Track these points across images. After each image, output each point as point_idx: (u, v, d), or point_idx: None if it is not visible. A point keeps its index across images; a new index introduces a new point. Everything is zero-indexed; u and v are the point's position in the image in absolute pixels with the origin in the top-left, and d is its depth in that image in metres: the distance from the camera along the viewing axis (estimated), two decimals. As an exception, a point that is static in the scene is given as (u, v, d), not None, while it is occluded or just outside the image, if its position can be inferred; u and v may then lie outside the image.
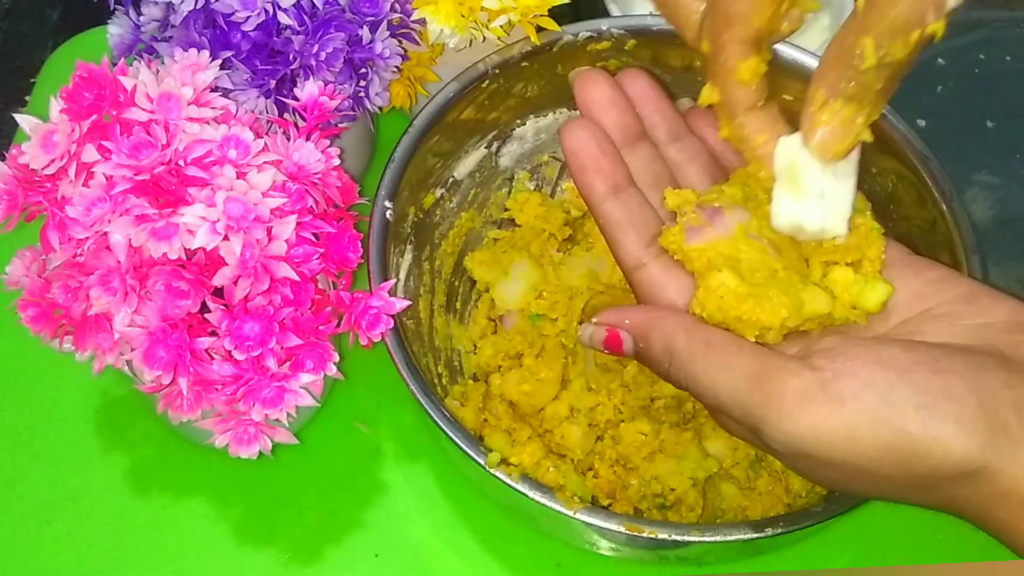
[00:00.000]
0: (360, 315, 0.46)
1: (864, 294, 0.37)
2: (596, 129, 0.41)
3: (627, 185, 0.41)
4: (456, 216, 0.59)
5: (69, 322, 0.43)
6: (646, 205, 0.41)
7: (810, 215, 0.37)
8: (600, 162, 0.41)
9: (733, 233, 0.38)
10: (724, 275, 0.37)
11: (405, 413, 0.57)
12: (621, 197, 0.41)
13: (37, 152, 0.42)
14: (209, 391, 0.44)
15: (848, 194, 0.38)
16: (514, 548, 0.54)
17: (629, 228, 0.40)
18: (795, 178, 0.37)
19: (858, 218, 0.38)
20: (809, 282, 0.38)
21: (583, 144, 0.41)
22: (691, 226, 0.38)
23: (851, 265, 0.38)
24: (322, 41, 0.50)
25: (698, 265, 0.38)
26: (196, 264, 0.43)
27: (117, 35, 0.53)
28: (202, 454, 0.54)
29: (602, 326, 0.40)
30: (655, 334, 0.38)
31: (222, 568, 0.53)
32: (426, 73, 0.58)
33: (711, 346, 0.36)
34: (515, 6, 0.53)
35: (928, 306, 0.37)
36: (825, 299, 0.37)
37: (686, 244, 0.38)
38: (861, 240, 0.38)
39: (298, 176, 0.46)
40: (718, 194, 0.40)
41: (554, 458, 0.51)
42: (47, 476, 0.55)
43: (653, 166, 0.43)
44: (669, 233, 0.39)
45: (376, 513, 0.55)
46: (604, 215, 0.41)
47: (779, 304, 0.36)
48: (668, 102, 0.44)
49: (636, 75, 0.44)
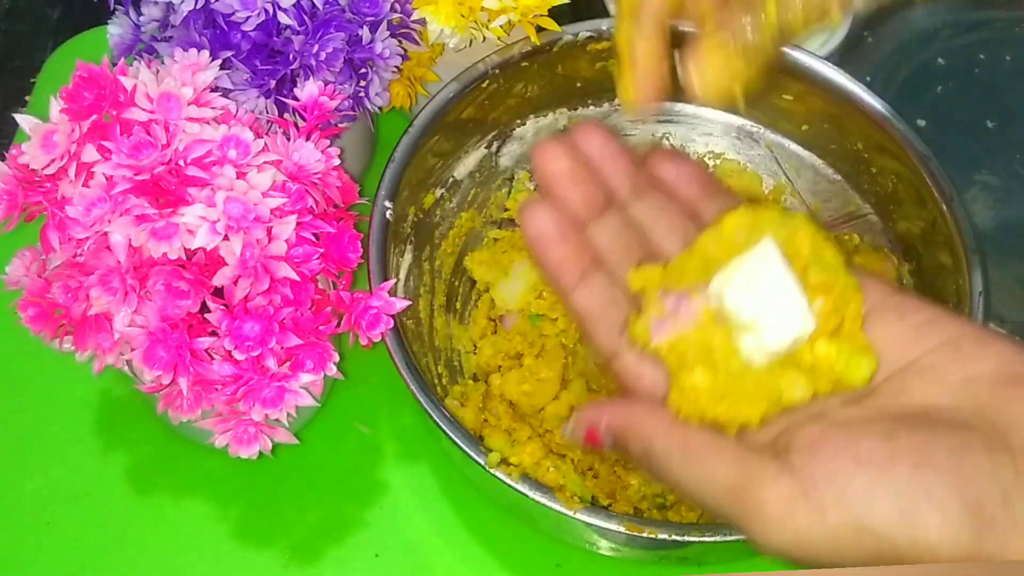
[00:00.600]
0: (360, 315, 0.46)
1: (849, 370, 0.35)
2: (555, 212, 0.39)
3: (594, 269, 0.40)
4: (456, 216, 0.59)
5: (69, 322, 0.43)
6: (616, 288, 0.40)
7: (772, 338, 0.35)
8: (564, 250, 0.39)
9: (701, 321, 0.36)
10: (696, 375, 0.35)
11: (405, 413, 0.57)
12: (590, 284, 0.39)
13: (37, 152, 0.42)
14: (209, 391, 0.44)
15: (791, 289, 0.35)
16: (514, 548, 0.54)
17: (600, 318, 0.39)
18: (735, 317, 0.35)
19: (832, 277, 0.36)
20: (787, 365, 0.36)
21: (543, 231, 0.39)
22: (656, 319, 0.37)
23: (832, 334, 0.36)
24: (322, 41, 0.50)
25: (669, 361, 0.36)
26: (196, 264, 0.43)
27: (117, 35, 0.53)
28: (202, 454, 0.54)
29: (581, 424, 0.39)
30: (631, 435, 0.37)
31: (222, 568, 0.53)
32: (426, 73, 0.58)
33: (688, 451, 0.35)
34: (515, 6, 0.53)
35: (913, 357, 0.35)
36: (804, 386, 0.35)
37: (652, 342, 0.36)
38: (838, 303, 0.36)
39: (298, 176, 0.46)
40: (680, 273, 0.37)
41: (554, 458, 0.51)
42: (47, 476, 0.55)
43: (622, 236, 0.41)
44: (635, 326, 0.37)
45: (376, 513, 0.55)
46: (573, 306, 0.39)
47: (757, 398, 0.35)
48: (626, 155, 0.42)
49: (591, 132, 0.42)
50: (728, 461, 0.34)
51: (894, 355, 0.36)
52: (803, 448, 0.33)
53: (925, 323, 0.36)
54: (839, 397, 0.36)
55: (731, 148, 0.61)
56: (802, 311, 0.35)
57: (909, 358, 0.35)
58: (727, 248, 0.37)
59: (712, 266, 0.37)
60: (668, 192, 0.42)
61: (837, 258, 0.37)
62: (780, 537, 0.32)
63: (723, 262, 0.37)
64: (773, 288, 0.35)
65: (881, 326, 0.36)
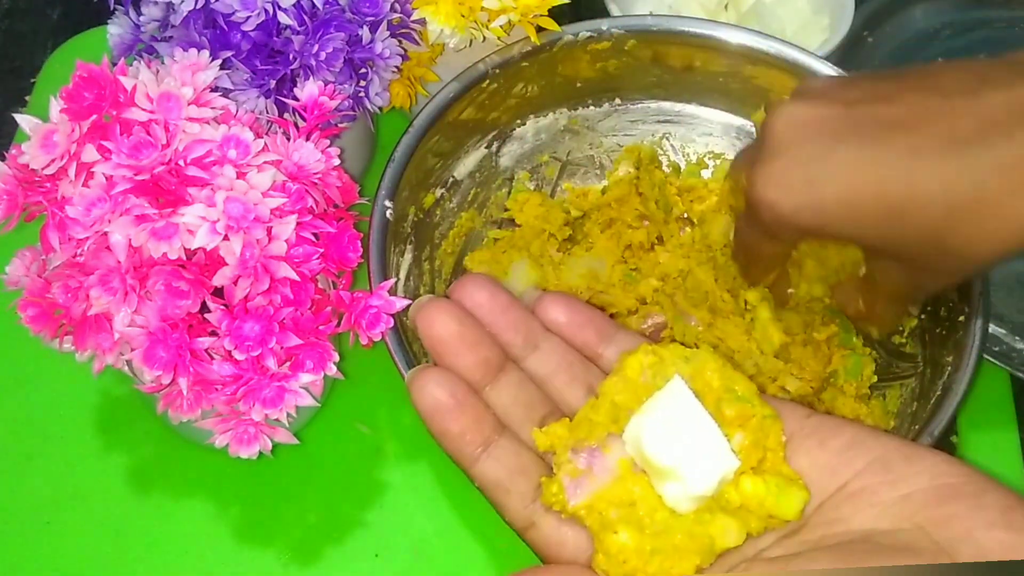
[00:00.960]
0: (360, 314, 0.46)
1: (780, 504, 0.34)
2: (449, 380, 0.37)
3: (497, 436, 0.37)
4: (456, 216, 0.59)
5: (69, 322, 0.43)
6: (523, 452, 0.37)
7: (696, 482, 0.34)
8: (462, 421, 0.37)
9: (618, 474, 0.35)
10: (622, 535, 0.34)
11: (405, 413, 0.57)
12: (493, 453, 0.37)
13: (37, 152, 0.42)
14: (209, 391, 0.44)
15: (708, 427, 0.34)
16: (515, 548, 0.54)
17: (509, 488, 0.37)
18: (654, 465, 0.34)
19: (746, 408, 0.35)
20: (716, 509, 0.34)
21: (437, 403, 0.37)
22: (570, 480, 0.35)
23: (756, 470, 0.35)
24: (322, 41, 0.50)
25: (590, 523, 0.34)
26: (196, 264, 0.43)
27: (117, 35, 0.53)
28: (202, 454, 0.54)
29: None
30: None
31: (222, 568, 0.53)
32: (426, 73, 0.58)
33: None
34: (515, 6, 0.53)
35: (842, 481, 0.34)
36: (736, 530, 0.34)
37: (570, 505, 0.35)
38: (757, 433, 0.35)
39: (298, 176, 0.46)
40: (589, 426, 0.36)
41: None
42: (47, 476, 0.55)
43: (522, 394, 0.39)
44: (548, 491, 0.35)
45: (376, 513, 0.55)
46: (478, 478, 0.37)
47: (688, 551, 0.33)
48: (516, 306, 0.40)
49: (476, 287, 0.39)
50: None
51: (821, 482, 0.34)
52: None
53: (847, 446, 0.35)
54: (773, 534, 0.35)
55: (731, 148, 0.61)
56: (723, 449, 0.34)
57: (837, 483, 0.34)
58: (634, 392, 0.36)
59: (621, 413, 0.36)
60: (564, 337, 0.40)
61: (750, 387, 0.36)
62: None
63: (632, 408, 0.35)
64: (690, 428, 0.34)
65: (802, 454, 0.35)
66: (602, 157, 0.62)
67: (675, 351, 0.36)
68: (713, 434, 0.34)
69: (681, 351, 0.36)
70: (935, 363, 0.51)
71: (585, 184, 0.62)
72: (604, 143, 0.62)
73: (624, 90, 0.60)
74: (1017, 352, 0.58)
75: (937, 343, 0.52)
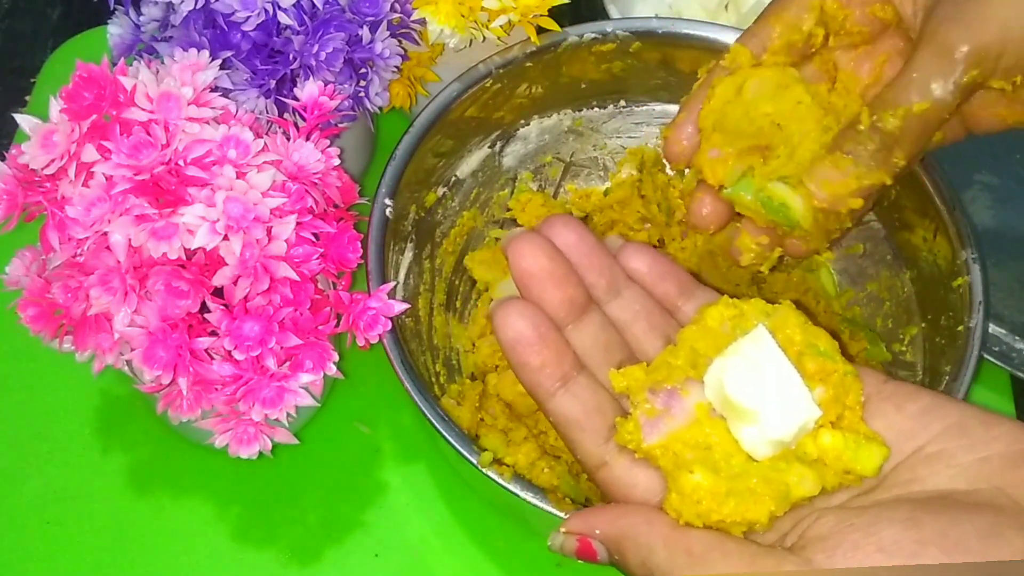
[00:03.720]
0: (358, 316, 0.46)
1: (858, 459, 0.34)
2: (533, 313, 0.37)
3: (576, 373, 0.37)
4: (458, 215, 0.59)
5: (69, 322, 0.43)
6: (600, 391, 0.38)
7: (776, 427, 0.34)
8: (544, 355, 0.37)
9: (695, 417, 0.35)
10: (696, 476, 0.33)
11: (405, 413, 0.57)
12: (571, 389, 0.37)
13: (37, 152, 0.42)
14: (209, 391, 0.44)
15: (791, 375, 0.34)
16: (514, 548, 0.54)
17: (584, 425, 0.37)
18: (734, 407, 0.34)
19: (827, 364, 0.35)
20: (792, 458, 0.34)
21: (521, 335, 0.37)
22: (647, 419, 0.35)
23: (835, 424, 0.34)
24: (322, 41, 0.50)
25: (664, 463, 0.34)
26: (196, 264, 0.43)
27: (117, 35, 0.53)
28: (202, 454, 0.54)
29: (572, 535, 0.36)
30: (628, 546, 0.34)
31: (222, 568, 0.53)
32: (426, 73, 0.58)
33: (694, 557, 0.33)
34: (515, 6, 0.53)
35: (918, 444, 0.34)
36: (812, 480, 0.34)
37: (645, 443, 0.34)
38: (837, 389, 0.35)
39: (298, 176, 0.46)
40: (668, 370, 0.36)
41: (549, 459, 0.51)
42: (47, 476, 0.55)
43: (602, 337, 0.39)
44: (624, 429, 0.35)
45: (376, 513, 0.55)
46: (554, 412, 0.37)
47: (764, 496, 0.33)
48: (601, 251, 0.40)
49: (566, 226, 0.40)
50: (738, 561, 0.32)
51: (897, 445, 0.34)
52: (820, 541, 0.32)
53: (924, 410, 0.35)
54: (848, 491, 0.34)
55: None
56: (804, 397, 0.34)
57: (913, 446, 0.34)
58: (713, 341, 0.36)
59: (699, 360, 0.36)
60: (644, 287, 0.41)
61: (832, 344, 0.36)
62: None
63: (710, 356, 0.35)
64: (773, 375, 0.34)
65: (879, 417, 0.35)
66: (605, 159, 0.62)
67: (756, 305, 0.36)
68: (795, 382, 0.34)
69: (763, 306, 0.36)
70: (934, 372, 0.51)
71: (588, 185, 0.62)
72: (608, 145, 0.62)
73: (629, 92, 0.60)
74: (1017, 352, 0.58)
75: (937, 352, 0.52)
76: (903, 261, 0.56)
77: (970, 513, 0.31)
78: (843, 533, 0.31)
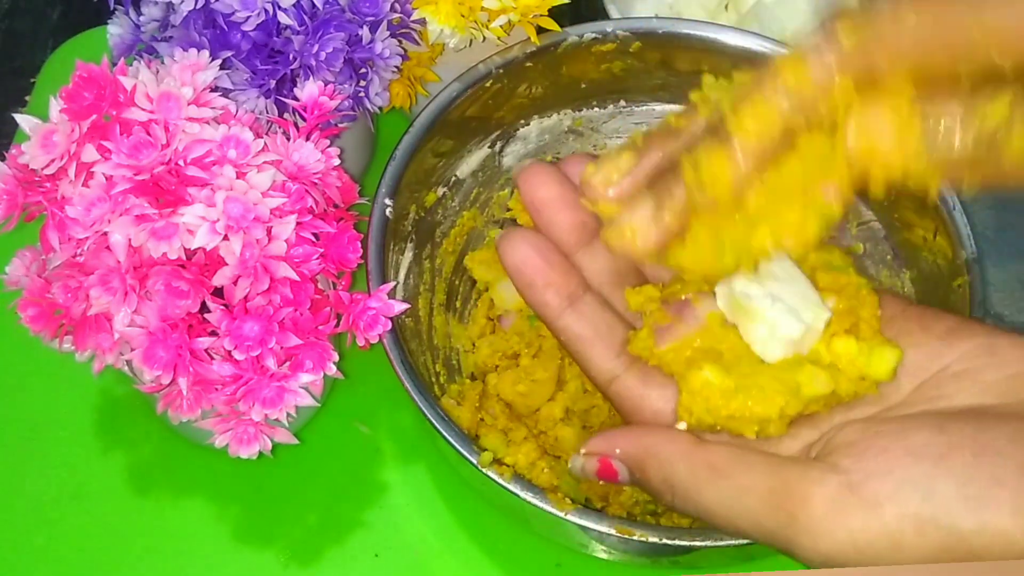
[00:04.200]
0: (359, 316, 0.46)
1: (871, 363, 0.33)
2: (536, 239, 0.37)
3: (583, 293, 0.38)
4: (458, 215, 0.59)
5: (69, 322, 0.43)
6: (608, 311, 0.38)
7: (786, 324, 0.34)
8: (549, 275, 0.37)
9: (706, 324, 0.35)
10: (706, 372, 0.34)
11: (405, 413, 0.57)
12: (579, 308, 0.37)
13: (37, 152, 0.42)
14: (209, 391, 0.44)
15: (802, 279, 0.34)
16: (514, 548, 0.54)
17: (594, 341, 0.37)
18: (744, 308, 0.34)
19: (841, 277, 0.35)
20: (804, 361, 0.34)
21: (525, 258, 0.37)
22: (659, 326, 0.35)
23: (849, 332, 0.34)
24: (322, 41, 0.50)
25: (676, 367, 0.34)
26: (196, 264, 0.43)
27: (117, 35, 0.53)
28: (202, 454, 0.54)
29: (592, 456, 0.36)
30: (650, 464, 0.34)
31: (222, 568, 0.53)
32: (426, 73, 0.58)
33: (716, 470, 0.32)
34: (515, 6, 0.53)
35: (944, 363, 0.33)
36: (824, 379, 0.33)
37: (657, 347, 0.35)
38: (852, 301, 0.35)
39: (298, 176, 0.46)
40: (681, 284, 0.36)
41: (549, 459, 0.50)
42: (47, 476, 0.55)
43: (615, 263, 0.39)
44: (637, 339, 0.35)
45: (376, 513, 0.55)
46: (564, 331, 0.37)
47: (773, 392, 0.33)
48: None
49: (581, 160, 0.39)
50: (762, 472, 0.32)
51: (923, 365, 0.34)
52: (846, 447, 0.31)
53: (950, 330, 0.34)
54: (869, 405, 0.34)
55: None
56: (815, 300, 0.34)
57: (940, 365, 0.34)
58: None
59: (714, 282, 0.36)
60: None
61: (845, 260, 0.36)
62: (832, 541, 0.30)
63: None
64: (784, 278, 0.34)
65: (904, 336, 0.34)
66: (605, 158, 0.62)
67: None
68: (805, 284, 0.34)
69: None
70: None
71: (587, 185, 0.62)
72: (608, 145, 0.62)
73: (629, 92, 0.60)
74: (1017, 352, 0.58)
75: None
76: (903, 261, 0.56)
77: (1000, 421, 0.31)
78: (871, 439, 0.31)
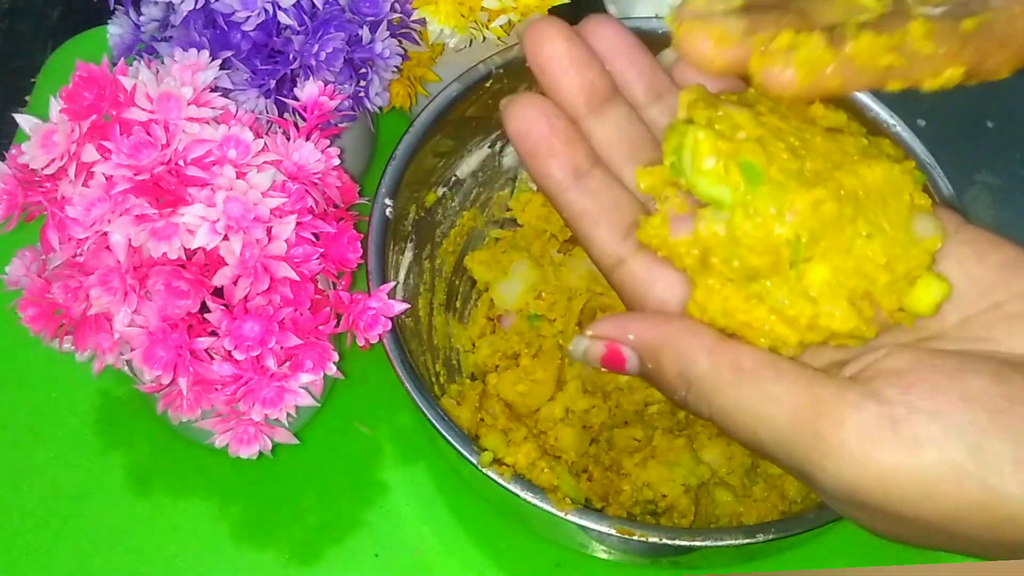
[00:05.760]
0: (359, 316, 0.46)
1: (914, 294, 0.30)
2: (543, 103, 0.33)
3: (590, 167, 0.34)
4: (458, 215, 0.59)
5: (69, 322, 0.43)
6: (618, 187, 0.34)
7: None
8: (552, 144, 0.33)
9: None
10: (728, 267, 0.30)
11: (405, 413, 0.57)
12: (585, 183, 0.33)
13: (37, 152, 0.42)
14: (209, 391, 0.44)
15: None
16: (514, 548, 0.54)
17: (599, 219, 0.33)
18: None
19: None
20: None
21: (529, 124, 0.33)
22: (676, 215, 0.31)
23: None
24: (322, 41, 0.50)
25: (689, 261, 0.31)
26: (196, 264, 0.43)
27: (117, 35, 0.53)
28: (202, 454, 0.54)
29: (599, 340, 0.32)
30: (667, 354, 0.31)
31: (222, 568, 0.53)
32: (426, 73, 0.58)
33: (742, 372, 0.29)
34: (515, 6, 0.53)
35: (996, 300, 0.30)
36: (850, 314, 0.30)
37: (672, 237, 0.31)
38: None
39: (298, 176, 0.46)
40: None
41: (549, 459, 0.51)
42: (47, 476, 0.55)
43: (629, 131, 0.34)
44: (648, 225, 0.32)
45: (376, 513, 0.55)
46: (566, 207, 0.34)
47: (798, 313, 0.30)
48: (645, 53, 0.35)
49: (602, 24, 0.35)
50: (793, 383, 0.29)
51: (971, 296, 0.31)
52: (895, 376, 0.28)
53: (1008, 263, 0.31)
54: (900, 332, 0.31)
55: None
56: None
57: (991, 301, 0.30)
58: None
59: None
60: None
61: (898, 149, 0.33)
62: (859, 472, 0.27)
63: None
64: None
65: (954, 262, 0.31)
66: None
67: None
68: None
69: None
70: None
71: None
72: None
73: (627, 91, 0.60)
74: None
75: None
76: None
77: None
78: (923, 372, 0.28)
